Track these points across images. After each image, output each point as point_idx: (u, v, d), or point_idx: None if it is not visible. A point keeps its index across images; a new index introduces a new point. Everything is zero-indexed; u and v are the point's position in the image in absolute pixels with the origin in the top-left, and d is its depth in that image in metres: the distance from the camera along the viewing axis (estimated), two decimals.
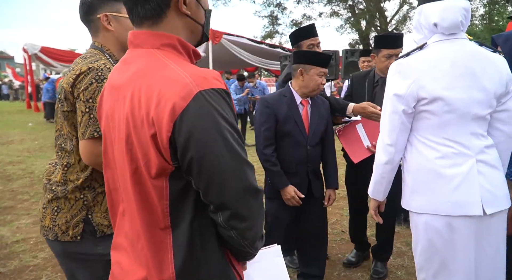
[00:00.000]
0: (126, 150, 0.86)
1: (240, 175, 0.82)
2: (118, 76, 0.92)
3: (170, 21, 0.90)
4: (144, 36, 0.90)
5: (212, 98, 0.80)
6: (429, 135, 1.48)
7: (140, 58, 0.89)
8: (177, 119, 0.77)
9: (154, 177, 0.83)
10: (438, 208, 1.44)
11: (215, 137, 0.79)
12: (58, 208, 1.35)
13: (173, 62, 0.85)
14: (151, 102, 0.79)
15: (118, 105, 0.89)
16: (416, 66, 1.46)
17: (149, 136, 0.80)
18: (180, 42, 0.91)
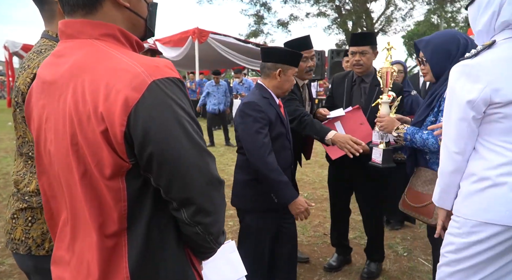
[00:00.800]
0: (72, 151, 0.77)
1: (203, 166, 0.78)
2: (51, 70, 0.82)
3: (107, 13, 0.82)
4: (79, 25, 0.81)
5: (168, 88, 0.75)
6: (496, 140, 1.37)
7: (76, 50, 0.80)
8: (131, 112, 0.71)
9: (109, 178, 0.76)
10: (494, 217, 1.34)
11: (175, 129, 0.75)
12: (33, 218, 1.23)
13: (118, 51, 0.78)
14: (98, 96, 0.72)
15: (53, 103, 0.80)
16: (487, 67, 1.32)
17: (98, 132, 0.73)
18: (121, 32, 0.83)
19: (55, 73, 0.81)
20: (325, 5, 18.40)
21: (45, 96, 0.83)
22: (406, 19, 18.65)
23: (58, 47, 0.84)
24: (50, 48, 1.26)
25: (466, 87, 1.35)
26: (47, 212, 0.92)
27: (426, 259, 2.95)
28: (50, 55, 0.86)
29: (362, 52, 2.43)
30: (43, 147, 0.87)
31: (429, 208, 1.82)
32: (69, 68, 0.78)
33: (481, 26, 1.40)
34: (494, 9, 1.35)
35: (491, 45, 1.36)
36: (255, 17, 18.38)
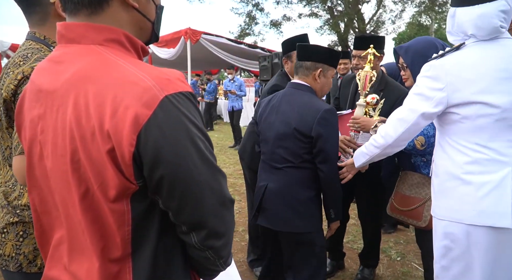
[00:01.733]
0: (72, 169, 0.71)
1: (216, 187, 0.73)
2: (49, 78, 0.76)
3: (114, 13, 0.76)
4: (82, 29, 0.74)
5: (181, 103, 0.69)
6: (461, 139, 1.41)
7: (78, 57, 0.73)
8: (142, 130, 0.65)
9: (113, 200, 0.70)
10: (462, 216, 1.37)
11: (188, 149, 0.70)
12: (25, 232, 1.17)
13: (125, 60, 0.72)
14: (105, 111, 0.66)
15: (51, 114, 0.74)
16: (450, 68, 1.38)
17: (104, 152, 0.67)
18: (127, 38, 0.77)
19: (54, 81, 0.74)
20: (317, 6, 18.43)
21: (40, 106, 0.77)
22: (396, 21, 18.78)
23: (57, 52, 0.77)
24: (37, 51, 1.19)
25: (427, 85, 1.43)
26: (38, 228, 0.87)
27: (420, 264, 2.96)
28: (47, 60, 0.78)
29: (361, 56, 2.40)
30: (36, 160, 0.81)
31: (417, 210, 1.87)
32: (70, 77, 0.71)
33: (447, 33, 1.52)
34: (451, 23, 1.46)
35: (459, 47, 1.42)
36: (246, 17, 18.33)
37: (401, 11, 18.36)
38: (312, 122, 1.76)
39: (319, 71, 1.86)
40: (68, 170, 0.72)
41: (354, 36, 18.11)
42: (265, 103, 2.01)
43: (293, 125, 1.79)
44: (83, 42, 0.74)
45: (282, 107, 1.88)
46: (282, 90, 1.98)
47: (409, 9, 18.28)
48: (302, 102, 1.83)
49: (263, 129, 1.97)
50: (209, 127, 10.65)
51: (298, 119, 1.79)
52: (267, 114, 1.95)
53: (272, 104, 1.95)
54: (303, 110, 1.80)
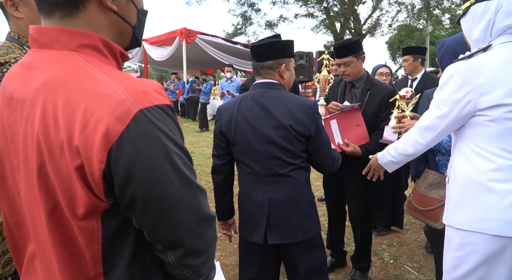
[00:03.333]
0: (39, 183, 0.67)
1: (193, 205, 0.69)
2: (19, 85, 0.72)
3: (90, 16, 0.72)
4: (55, 33, 0.70)
5: (156, 117, 0.65)
6: (485, 144, 1.33)
7: (49, 63, 0.69)
8: (113, 146, 0.61)
9: (82, 218, 0.66)
10: (485, 226, 1.29)
11: (163, 166, 0.65)
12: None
13: (98, 69, 0.67)
14: (74, 125, 0.62)
15: (21, 123, 0.70)
16: (479, 70, 1.31)
17: (72, 168, 0.63)
18: (104, 43, 0.72)
19: (24, 89, 0.70)
20: (313, 6, 18.43)
21: (11, 113, 0.73)
22: (393, 23, 18.81)
23: (29, 57, 0.73)
24: (5, 49, 1.16)
25: (454, 87, 1.35)
26: (10, 240, 0.82)
27: (413, 267, 2.94)
28: (19, 64, 0.74)
29: (346, 63, 2.47)
30: (8, 169, 0.76)
31: (436, 212, 1.80)
32: (39, 85, 0.67)
33: (478, 34, 1.40)
34: (489, 17, 1.36)
35: (486, 48, 1.36)
36: (241, 18, 18.28)
37: (397, 12, 18.38)
38: (306, 120, 1.66)
39: (283, 66, 1.73)
40: (35, 183, 0.68)
41: (352, 36, 18.19)
42: (229, 112, 1.75)
43: (287, 124, 1.64)
44: (55, 48, 0.70)
45: (265, 110, 1.67)
46: (247, 95, 1.75)
47: (403, 12, 18.28)
48: (288, 100, 1.69)
49: (241, 140, 1.71)
50: (204, 128, 10.59)
51: (291, 118, 1.65)
52: (242, 123, 1.70)
53: (243, 110, 1.71)
54: (292, 107, 1.66)
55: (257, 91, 1.73)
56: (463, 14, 1.47)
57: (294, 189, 1.70)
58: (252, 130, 1.68)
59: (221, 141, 1.77)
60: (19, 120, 0.70)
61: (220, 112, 1.78)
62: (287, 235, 1.70)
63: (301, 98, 1.74)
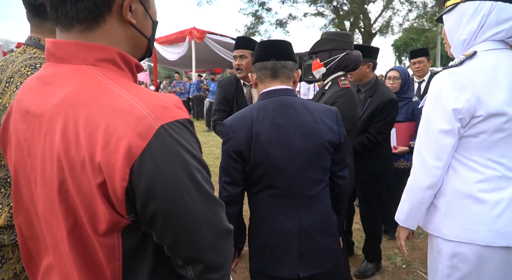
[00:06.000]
0: (60, 199, 0.67)
1: (213, 219, 0.69)
2: (36, 99, 0.71)
3: (109, 30, 0.71)
4: (72, 47, 0.69)
5: (177, 132, 0.65)
6: (473, 155, 1.31)
7: (68, 78, 0.68)
8: (135, 163, 0.61)
9: (103, 234, 0.66)
10: (475, 237, 1.28)
11: (185, 182, 0.65)
12: (3, 258, 1.11)
13: (118, 84, 0.67)
14: (96, 141, 0.62)
15: (39, 139, 0.69)
16: (472, 77, 1.27)
17: (94, 185, 0.63)
18: (121, 56, 0.72)
19: (42, 104, 0.70)
20: (322, 5, 18.33)
21: (28, 128, 0.72)
22: (403, 23, 18.60)
23: (45, 71, 0.73)
24: (44, 61, 1.14)
25: (453, 96, 1.28)
26: (25, 252, 0.82)
27: (426, 272, 2.89)
28: (35, 78, 0.74)
29: None
30: (24, 184, 0.76)
31: None
32: (59, 101, 0.67)
33: (467, 35, 1.35)
34: (480, 19, 1.31)
35: (472, 56, 1.31)
36: (253, 17, 18.28)
37: (408, 11, 18.18)
38: (335, 127, 1.50)
39: (299, 72, 1.56)
40: (56, 200, 0.67)
41: (362, 35, 18.03)
42: (245, 127, 1.45)
43: (324, 137, 1.46)
44: (73, 62, 0.70)
45: (292, 121, 1.45)
46: (264, 105, 1.48)
47: (414, 11, 18.06)
48: (312, 107, 1.49)
49: (265, 159, 1.44)
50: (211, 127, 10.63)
51: (323, 126, 1.47)
52: (266, 139, 1.43)
53: (264, 124, 1.44)
54: (321, 115, 1.49)
55: (276, 100, 1.48)
56: (448, 11, 1.41)
57: (324, 211, 1.52)
58: (278, 147, 1.44)
59: (237, 163, 1.46)
60: (37, 136, 0.70)
61: (231, 129, 1.46)
62: (320, 264, 1.50)
63: (322, 104, 1.59)
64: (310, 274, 1.48)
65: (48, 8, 0.70)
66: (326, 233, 1.52)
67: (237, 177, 1.48)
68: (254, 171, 1.46)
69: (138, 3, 0.74)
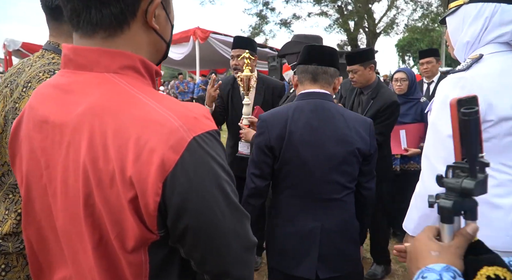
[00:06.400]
0: (86, 214, 0.64)
1: (241, 233, 0.68)
2: (56, 108, 0.67)
3: (133, 36, 0.68)
4: (95, 54, 0.66)
5: (208, 144, 0.63)
6: None
7: (91, 87, 0.65)
8: (168, 177, 0.59)
9: (131, 251, 0.63)
10: (494, 243, 1.25)
11: (216, 196, 0.63)
12: (7, 266, 1.08)
13: (145, 94, 0.64)
14: (127, 154, 0.59)
15: (59, 150, 0.66)
16: (481, 81, 1.23)
17: (125, 200, 0.60)
18: (143, 63, 0.69)
19: (63, 113, 0.66)
20: (326, 5, 18.30)
21: (45, 138, 0.68)
22: (408, 21, 18.53)
23: (64, 79, 0.69)
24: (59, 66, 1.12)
25: None
26: (34, 264, 0.79)
27: None
28: (51, 86, 0.70)
29: (353, 70, 2.70)
30: (37, 195, 0.73)
31: None
32: (84, 111, 0.63)
33: (470, 37, 1.31)
34: (483, 21, 1.27)
35: (478, 59, 1.27)
36: (258, 17, 18.30)
37: (413, 10, 18.10)
38: (367, 137, 1.53)
39: (341, 79, 1.59)
40: (80, 214, 0.64)
41: (366, 35, 17.96)
42: (280, 124, 1.50)
43: (355, 145, 1.48)
44: (95, 70, 0.66)
45: (326, 125, 1.48)
46: (301, 106, 1.53)
47: (419, 11, 17.98)
48: (348, 115, 1.53)
49: (294, 158, 1.48)
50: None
51: (356, 135, 1.49)
52: (298, 139, 1.47)
53: (299, 124, 1.49)
54: (355, 124, 1.51)
55: (313, 102, 1.51)
56: (451, 12, 1.38)
57: (347, 215, 1.53)
58: (310, 148, 1.47)
59: (268, 157, 1.50)
60: (58, 147, 0.67)
61: (266, 124, 1.52)
62: (339, 267, 1.51)
63: (358, 114, 1.64)
64: (329, 276, 1.49)
65: (68, 13, 0.66)
66: (347, 238, 1.53)
67: (266, 171, 1.51)
68: (281, 169, 1.50)
69: (161, 8, 0.71)
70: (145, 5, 0.67)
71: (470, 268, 0.68)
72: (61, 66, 0.71)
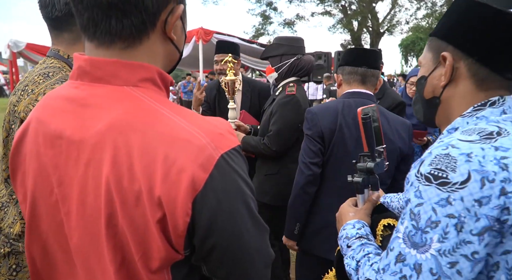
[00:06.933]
0: (108, 235, 0.61)
1: (263, 249, 0.67)
2: (72, 123, 0.64)
3: (151, 47, 0.66)
4: (113, 67, 0.63)
5: (234, 161, 0.61)
6: None
7: (111, 101, 0.62)
8: (197, 197, 0.57)
9: (154, 271, 0.61)
10: None
11: (243, 215, 0.62)
12: (18, 265, 1.08)
13: (168, 108, 0.62)
14: (155, 172, 0.56)
15: (78, 167, 0.63)
16: None
17: (153, 221, 0.57)
18: (160, 75, 0.67)
19: (81, 129, 0.62)
20: (330, 4, 18.27)
21: (58, 154, 0.65)
22: (412, 21, 18.45)
23: (78, 91, 0.65)
24: (59, 71, 1.12)
25: None
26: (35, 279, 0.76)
27: None
28: (64, 98, 0.66)
29: None
30: (44, 213, 0.69)
31: None
32: (106, 127, 0.60)
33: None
34: None
35: None
36: (261, 17, 18.31)
37: (416, 9, 18.02)
38: (407, 139, 1.61)
39: (381, 80, 1.69)
40: (101, 234, 0.61)
41: (370, 34, 17.90)
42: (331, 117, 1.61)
43: (396, 144, 1.58)
44: (113, 83, 0.63)
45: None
46: (349, 102, 1.65)
47: (422, 10, 17.88)
48: (390, 116, 1.63)
49: (341, 151, 1.59)
50: None
51: (397, 135, 1.59)
52: (347, 132, 1.59)
53: (348, 119, 1.60)
54: (397, 125, 1.62)
55: (361, 101, 1.60)
56: None
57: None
58: (355, 142, 1.57)
59: (322, 146, 1.62)
60: (74, 164, 0.63)
61: (317, 116, 1.63)
62: None
63: (397, 116, 1.70)
64: None
65: (84, 22, 0.63)
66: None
67: (320, 159, 1.63)
68: (327, 159, 1.63)
69: (178, 19, 0.68)
70: (165, 15, 0.65)
71: (374, 222, 1.04)
72: (71, 78, 0.67)
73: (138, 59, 0.65)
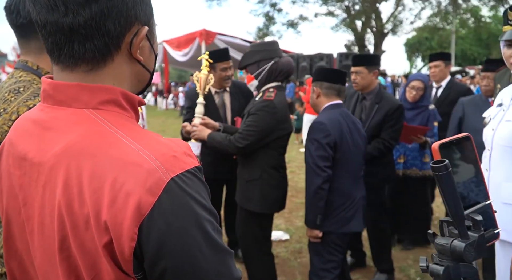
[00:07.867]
0: (61, 258, 0.61)
1: (224, 272, 0.64)
2: (34, 146, 0.65)
3: (116, 69, 0.66)
4: (74, 90, 0.64)
5: (187, 184, 0.60)
6: None
7: (69, 125, 0.63)
8: (144, 221, 0.56)
9: None
10: None
11: (195, 238, 0.60)
12: None
13: (124, 132, 0.62)
14: (102, 198, 0.57)
15: (38, 189, 0.64)
16: None
17: (100, 245, 0.57)
18: (124, 96, 0.67)
19: (41, 152, 0.64)
20: (333, 5, 18.19)
21: (23, 175, 0.66)
22: (416, 21, 18.34)
23: (43, 114, 0.66)
24: (30, 84, 1.09)
25: None
26: None
27: None
28: (31, 121, 0.67)
29: (357, 72, 2.72)
30: (17, 231, 0.70)
31: None
32: (61, 151, 0.61)
33: None
34: None
35: None
36: (265, 18, 18.27)
37: (421, 9, 17.90)
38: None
39: None
40: (55, 257, 0.62)
41: (374, 35, 17.77)
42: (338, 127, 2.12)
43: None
44: (74, 106, 0.64)
45: (355, 126, 2.21)
46: (342, 113, 2.21)
47: (427, 10, 17.76)
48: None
49: (346, 151, 2.13)
50: None
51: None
52: (348, 137, 2.15)
53: (345, 126, 2.16)
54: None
55: (344, 111, 2.23)
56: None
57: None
58: (353, 143, 2.15)
59: (332, 151, 2.09)
60: (34, 186, 0.64)
61: (328, 127, 2.09)
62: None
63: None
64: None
65: (49, 47, 0.64)
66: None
67: (331, 162, 2.10)
68: (339, 158, 2.11)
69: (145, 40, 0.69)
70: (129, 37, 0.65)
71: None
72: (41, 100, 0.69)
73: (103, 81, 0.65)
